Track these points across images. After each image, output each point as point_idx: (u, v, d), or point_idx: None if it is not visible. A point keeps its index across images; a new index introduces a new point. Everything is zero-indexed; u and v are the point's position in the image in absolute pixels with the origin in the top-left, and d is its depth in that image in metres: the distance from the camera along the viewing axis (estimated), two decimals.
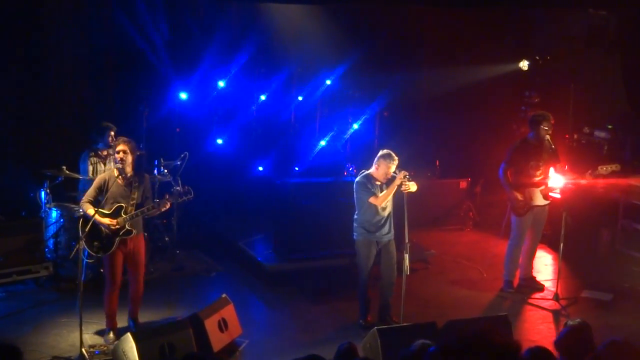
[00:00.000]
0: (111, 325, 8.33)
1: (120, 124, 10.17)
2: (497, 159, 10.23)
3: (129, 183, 8.14)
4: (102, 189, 8.05)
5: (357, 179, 8.71)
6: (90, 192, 8.12)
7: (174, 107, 12.70)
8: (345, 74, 13.90)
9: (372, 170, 8.68)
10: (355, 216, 8.79)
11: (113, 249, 8.05)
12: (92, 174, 9.77)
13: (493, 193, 12.99)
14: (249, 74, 13.55)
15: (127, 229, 8.08)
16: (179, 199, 8.26)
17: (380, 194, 8.53)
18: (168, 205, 8.19)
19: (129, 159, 8.12)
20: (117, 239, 8.05)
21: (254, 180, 13.19)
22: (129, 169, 8.13)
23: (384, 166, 8.51)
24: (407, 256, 8.13)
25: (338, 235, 10.32)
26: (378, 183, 8.61)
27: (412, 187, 8.41)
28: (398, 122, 14.50)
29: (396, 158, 8.52)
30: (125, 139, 8.23)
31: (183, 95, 12.65)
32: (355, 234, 8.80)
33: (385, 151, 8.62)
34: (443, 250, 12.13)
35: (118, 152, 8.10)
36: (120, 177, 8.14)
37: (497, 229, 12.75)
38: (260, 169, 13.39)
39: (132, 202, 8.11)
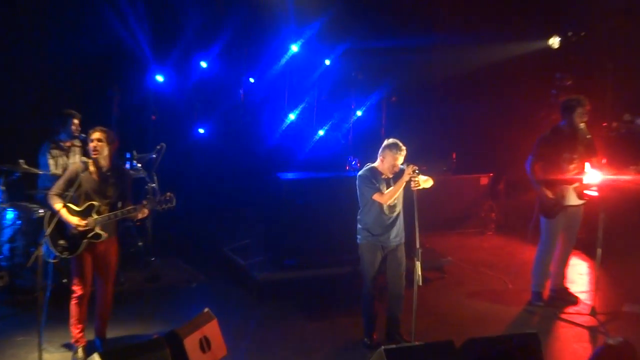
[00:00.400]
0: (79, 342, 8.25)
1: (86, 111, 10.11)
2: (524, 152, 10.16)
3: (104, 178, 8.08)
4: (74, 182, 7.97)
5: (360, 172, 8.68)
6: (60, 184, 8.05)
7: (150, 91, 12.65)
8: (346, 53, 13.85)
9: (377, 163, 8.63)
10: (359, 216, 8.74)
11: (79, 251, 8.01)
12: (54, 169, 9.73)
13: (519, 191, 12.97)
14: (235, 53, 13.51)
15: (97, 232, 8.02)
16: (159, 206, 8.16)
17: (387, 190, 8.48)
18: (146, 212, 8.13)
19: (105, 150, 8.05)
20: (85, 241, 8.00)
21: (241, 175, 13.17)
22: (104, 162, 8.07)
23: (390, 157, 8.46)
24: (419, 264, 8.02)
25: (339, 240, 10.28)
26: (384, 177, 8.57)
27: (426, 183, 8.38)
28: (408, 108, 14.48)
29: (404, 148, 8.47)
30: (101, 127, 8.19)
31: (159, 78, 12.59)
32: (358, 236, 8.76)
33: (390, 140, 8.57)
34: (461, 257, 12.11)
35: (92, 141, 8.02)
36: (95, 170, 8.10)
37: (523, 232, 12.71)
38: (249, 162, 13.35)
39: (106, 201, 8.06)
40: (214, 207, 13.04)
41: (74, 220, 7.92)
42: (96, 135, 8.04)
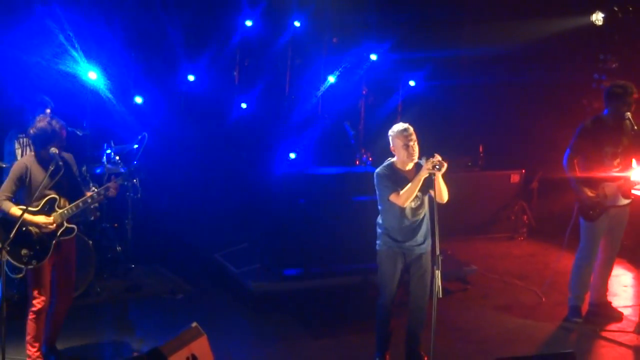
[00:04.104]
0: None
1: (54, 93, 10.18)
2: (561, 145, 10.17)
3: (54, 168, 8.07)
4: (24, 180, 8.07)
5: (378, 169, 8.66)
6: (7, 186, 8.11)
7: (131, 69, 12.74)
8: (357, 30, 13.87)
9: (394, 158, 8.61)
10: (379, 219, 8.76)
11: (49, 255, 8.10)
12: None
13: (555, 190, 12.95)
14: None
15: (67, 226, 8.15)
16: (129, 180, 8.29)
17: (402, 190, 8.49)
18: (115, 192, 8.31)
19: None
20: (54, 241, 8.11)
21: (235, 171, 13.17)
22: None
23: (400, 143, 8.40)
24: (438, 273, 7.94)
25: (347, 245, 10.30)
26: (404, 174, 8.52)
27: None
28: (429, 93, 14.47)
29: (410, 127, 8.49)
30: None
31: None
32: (378, 242, 8.74)
33: (395, 126, 8.58)
34: (487, 266, 12.18)
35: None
36: (41, 162, 8.17)
37: (560, 238, 12.68)
38: (244, 155, 13.37)
39: (62, 192, 8.16)
40: (203, 207, 13.03)
41: (40, 219, 8.00)
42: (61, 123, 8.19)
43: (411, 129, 8.43)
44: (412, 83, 14.52)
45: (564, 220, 11.83)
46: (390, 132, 8.51)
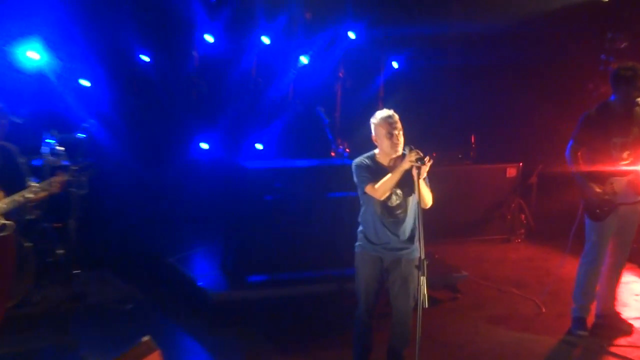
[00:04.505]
0: None
1: None
2: (564, 135, 10.14)
3: None
4: None
5: (356, 159, 8.57)
6: None
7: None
8: (333, 4, 13.83)
9: (377, 149, 8.52)
10: (359, 218, 8.68)
11: None
12: None
13: (556, 185, 12.95)
14: None
15: (3, 222, 8.05)
16: (79, 177, 8.22)
17: (380, 181, 8.28)
18: (59, 186, 8.30)
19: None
20: None
21: (193, 163, 13.18)
22: None
23: (382, 131, 8.32)
24: (424, 280, 7.86)
25: (320, 249, 10.23)
26: (386, 167, 8.43)
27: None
28: (414, 76, 14.46)
29: (395, 115, 8.39)
30: None
31: None
32: (356, 243, 8.66)
33: (379, 112, 8.50)
34: (480, 272, 12.14)
35: None
36: None
37: (562, 240, 12.63)
38: (204, 146, 13.34)
39: (1, 185, 8.10)
40: (157, 205, 13.04)
41: None
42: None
43: (396, 116, 8.34)
44: (395, 64, 14.59)
45: (567, 220, 11.78)
46: (373, 120, 8.43)
